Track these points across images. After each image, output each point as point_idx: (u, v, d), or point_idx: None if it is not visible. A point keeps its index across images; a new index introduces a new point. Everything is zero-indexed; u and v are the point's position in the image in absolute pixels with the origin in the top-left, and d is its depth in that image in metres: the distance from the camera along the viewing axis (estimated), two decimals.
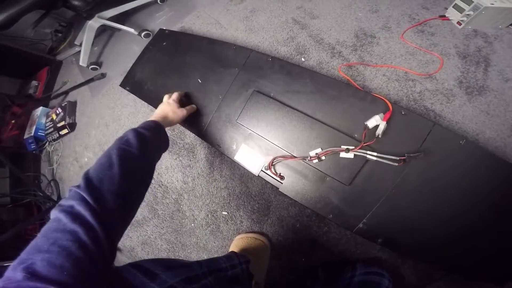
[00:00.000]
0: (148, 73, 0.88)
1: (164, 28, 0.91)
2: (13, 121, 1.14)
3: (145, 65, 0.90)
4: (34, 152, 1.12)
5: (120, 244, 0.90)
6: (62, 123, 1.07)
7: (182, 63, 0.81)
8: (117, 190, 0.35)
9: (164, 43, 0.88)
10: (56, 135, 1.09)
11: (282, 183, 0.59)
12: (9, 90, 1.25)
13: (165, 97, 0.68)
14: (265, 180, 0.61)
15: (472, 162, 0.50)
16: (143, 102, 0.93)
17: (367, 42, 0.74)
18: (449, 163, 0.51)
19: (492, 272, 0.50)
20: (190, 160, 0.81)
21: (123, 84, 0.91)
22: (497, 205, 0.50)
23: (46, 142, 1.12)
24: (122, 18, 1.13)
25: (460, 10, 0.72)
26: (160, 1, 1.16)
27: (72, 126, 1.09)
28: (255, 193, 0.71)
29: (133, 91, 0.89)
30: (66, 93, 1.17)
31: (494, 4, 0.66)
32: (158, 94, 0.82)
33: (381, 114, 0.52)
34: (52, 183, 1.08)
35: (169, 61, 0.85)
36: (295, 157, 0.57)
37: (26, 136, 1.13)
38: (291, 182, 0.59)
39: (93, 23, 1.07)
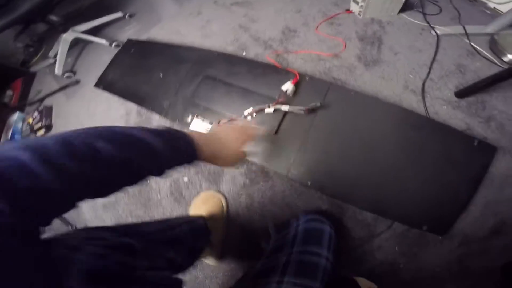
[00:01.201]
0: (119, 74, 1.07)
1: (132, 38, 1.12)
2: None
3: (116, 68, 1.09)
4: None
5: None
6: (39, 125, 1.20)
7: (147, 64, 1.02)
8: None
9: (132, 50, 1.09)
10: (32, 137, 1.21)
11: None
12: None
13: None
14: None
15: (364, 108, 0.71)
16: (114, 99, 1.10)
17: (290, 36, 1.00)
18: (347, 111, 0.71)
19: (431, 221, 0.60)
20: None
21: (97, 85, 1.09)
22: (401, 147, 0.63)
23: None
24: (94, 31, 1.32)
25: (357, 3, 0.97)
26: (128, 16, 1.39)
27: (48, 128, 1.22)
28: None
29: (106, 89, 1.07)
30: (41, 100, 1.31)
31: None
32: (128, 89, 1.01)
33: (291, 80, 0.74)
34: None
35: (136, 64, 1.05)
36: (234, 117, 0.77)
37: (2, 141, 1.23)
38: None
39: (68, 36, 1.25)
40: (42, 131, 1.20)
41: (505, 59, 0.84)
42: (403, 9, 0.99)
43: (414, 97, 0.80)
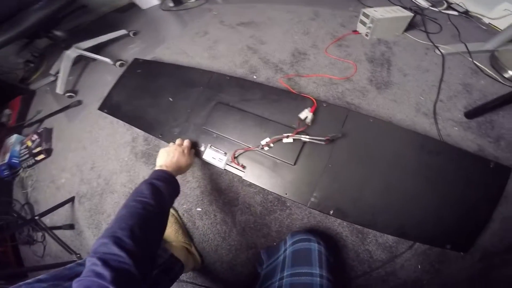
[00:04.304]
0: (125, 97, 1.07)
1: (138, 57, 1.13)
2: None
3: (121, 89, 1.09)
4: (6, 179, 1.20)
5: None
6: (38, 149, 1.19)
7: (155, 86, 1.02)
8: (138, 237, 0.41)
9: (139, 70, 1.09)
10: (31, 161, 1.19)
11: (244, 172, 0.78)
12: None
13: (177, 142, 0.79)
14: (231, 172, 0.79)
15: (383, 134, 0.72)
16: (120, 123, 1.10)
17: (300, 58, 1.02)
18: (366, 138, 0.73)
19: (453, 239, 0.62)
20: None
21: (101, 108, 1.09)
22: (420, 171, 0.67)
23: (20, 169, 1.22)
24: (97, 49, 1.33)
25: (364, 24, 1.02)
26: (132, 34, 1.40)
27: (48, 152, 1.20)
28: (225, 187, 0.88)
29: (111, 113, 1.06)
30: (41, 121, 1.30)
31: (383, 16, 0.97)
32: (134, 113, 1.01)
33: (309, 108, 0.75)
34: (25, 207, 1.14)
35: (144, 85, 1.05)
36: (251, 148, 0.77)
37: None
38: (252, 170, 0.77)
39: (71, 53, 1.25)
40: (41, 156, 1.19)
41: (506, 75, 0.88)
42: (407, 28, 1.05)
43: (427, 120, 0.84)
